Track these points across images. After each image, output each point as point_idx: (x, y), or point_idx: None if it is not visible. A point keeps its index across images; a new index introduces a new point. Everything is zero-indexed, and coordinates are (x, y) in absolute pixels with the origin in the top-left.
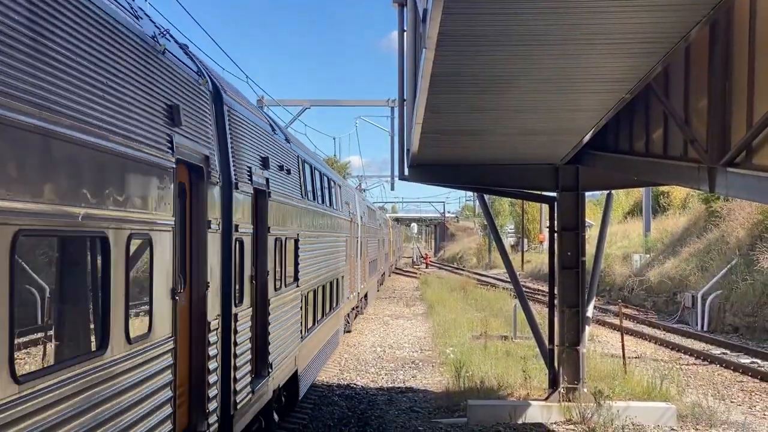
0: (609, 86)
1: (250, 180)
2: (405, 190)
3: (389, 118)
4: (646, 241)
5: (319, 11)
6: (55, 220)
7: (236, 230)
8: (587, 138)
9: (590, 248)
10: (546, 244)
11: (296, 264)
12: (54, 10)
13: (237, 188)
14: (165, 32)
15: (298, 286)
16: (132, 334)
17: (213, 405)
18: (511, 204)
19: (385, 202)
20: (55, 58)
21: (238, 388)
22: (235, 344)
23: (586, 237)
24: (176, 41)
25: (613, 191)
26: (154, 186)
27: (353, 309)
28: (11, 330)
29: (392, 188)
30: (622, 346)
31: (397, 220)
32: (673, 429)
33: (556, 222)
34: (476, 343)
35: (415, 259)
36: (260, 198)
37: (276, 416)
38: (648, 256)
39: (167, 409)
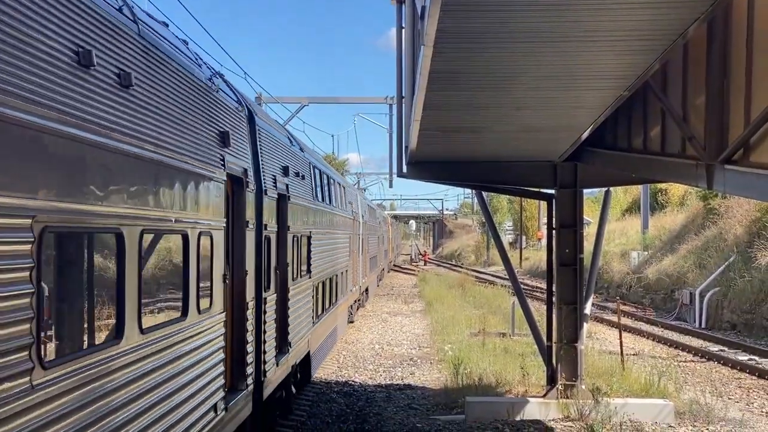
0: (607, 83)
1: (275, 186)
2: (403, 187)
3: (387, 116)
4: (644, 238)
5: (318, 8)
6: (159, 223)
7: (265, 229)
8: (585, 135)
9: (588, 245)
10: (544, 241)
11: (309, 258)
12: (156, 74)
13: (266, 194)
14: (216, 73)
15: (310, 277)
16: (201, 308)
17: (249, 370)
18: (510, 201)
19: (384, 200)
20: (165, 111)
21: (266, 359)
22: (265, 323)
23: (585, 234)
24: (217, 73)
25: (611, 188)
26: (213, 195)
27: (356, 301)
28: (139, 295)
29: (390, 185)
30: (620, 343)
31: (395, 217)
32: (670, 426)
33: (554, 219)
34: (474, 340)
35: (413, 257)
36: (282, 201)
37: (293, 389)
38: (646, 253)
39: (221, 367)
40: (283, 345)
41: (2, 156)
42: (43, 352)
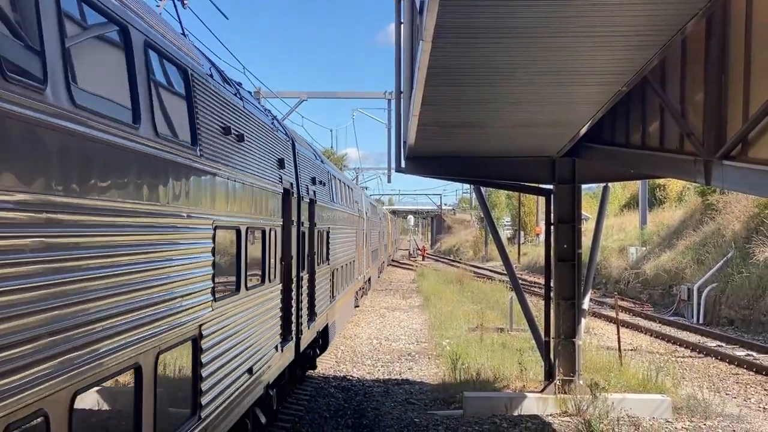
0: (605, 79)
1: (307, 193)
2: (402, 182)
3: (386, 111)
4: (643, 233)
5: (317, 3)
6: (254, 223)
7: (302, 225)
8: (584, 130)
9: (587, 241)
10: (542, 236)
11: (328, 248)
12: (251, 129)
13: (302, 200)
14: (273, 117)
15: (329, 264)
16: (270, 278)
17: (293, 327)
18: (508, 196)
19: (382, 195)
20: (255, 151)
21: (302, 322)
22: (301, 295)
23: (583, 230)
24: (274, 117)
25: (609, 184)
26: (276, 203)
27: (360, 288)
28: (246, 267)
29: (389, 181)
30: (618, 338)
31: (393, 212)
32: (668, 421)
33: (552, 214)
34: (472, 336)
35: (411, 252)
36: (311, 204)
37: (318, 351)
38: (644, 248)
39: (279, 321)
40: (311, 314)
41: (205, 190)
42: (214, 292)
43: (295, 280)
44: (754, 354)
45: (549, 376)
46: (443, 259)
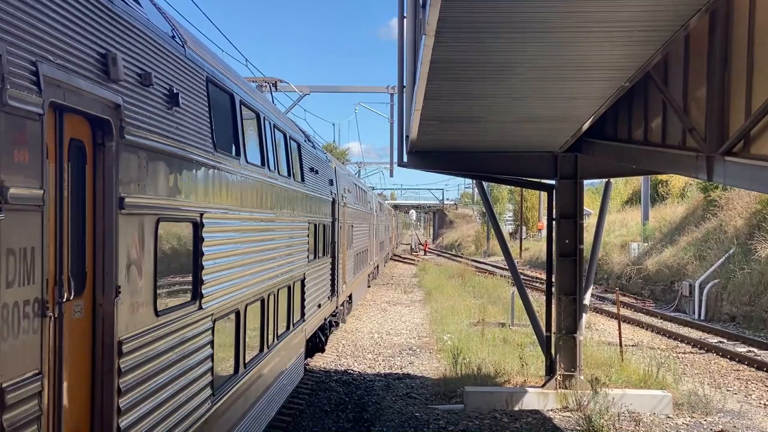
0: (608, 74)
1: (342, 199)
2: (404, 177)
3: (389, 105)
4: (645, 229)
5: None
6: (320, 220)
7: (338, 222)
8: (586, 126)
9: (588, 236)
10: (544, 232)
11: (352, 238)
12: (317, 164)
13: (340, 204)
14: (323, 149)
15: (352, 249)
16: (327, 254)
17: (334, 288)
18: (510, 191)
19: (384, 189)
20: (321, 178)
21: (339, 286)
22: (339, 268)
23: (585, 225)
24: (324, 149)
25: (611, 180)
26: (328, 208)
27: (370, 273)
28: (316, 247)
29: (391, 175)
30: (619, 334)
31: (396, 207)
32: (668, 417)
33: (554, 210)
34: (474, 330)
35: (413, 246)
36: (344, 207)
37: (346, 310)
38: (646, 244)
39: (329, 283)
40: (342, 284)
41: (304, 203)
42: (308, 258)
43: (339, 257)
44: (756, 350)
45: (550, 371)
46: (445, 254)
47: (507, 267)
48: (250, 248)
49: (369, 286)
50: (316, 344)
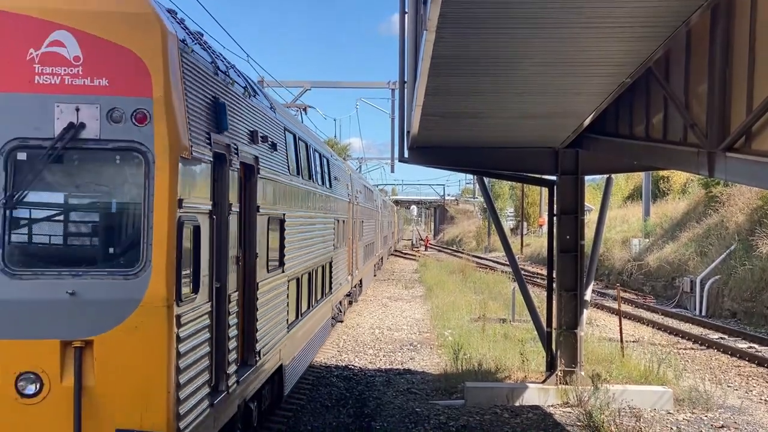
0: (609, 70)
1: (355, 200)
2: (405, 172)
3: (390, 100)
4: (646, 225)
5: None
6: (337, 216)
7: (352, 218)
8: (587, 122)
9: (589, 232)
10: (545, 227)
11: (362, 231)
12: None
13: (354, 204)
14: (344, 160)
15: (361, 241)
16: (345, 244)
17: (348, 273)
18: (511, 187)
19: (385, 185)
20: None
21: (354, 271)
22: (352, 257)
23: (586, 221)
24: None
25: (612, 175)
26: (346, 206)
27: (376, 264)
28: (354, 234)
29: (392, 170)
30: (620, 329)
31: (397, 202)
32: (669, 413)
33: (555, 206)
34: (474, 326)
35: (414, 242)
36: (356, 206)
37: (359, 290)
38: (647, 240)
39: (346, 266)
40: (356, 268)
41: (332, 204)
42: (333, 245)
43: (351, 247)
44: (756, 346)
45: (550, 366)
46: (446, 250)
47: (508, 263)
48: (305, 236)
49: (375, 276)
50: (337, 315)
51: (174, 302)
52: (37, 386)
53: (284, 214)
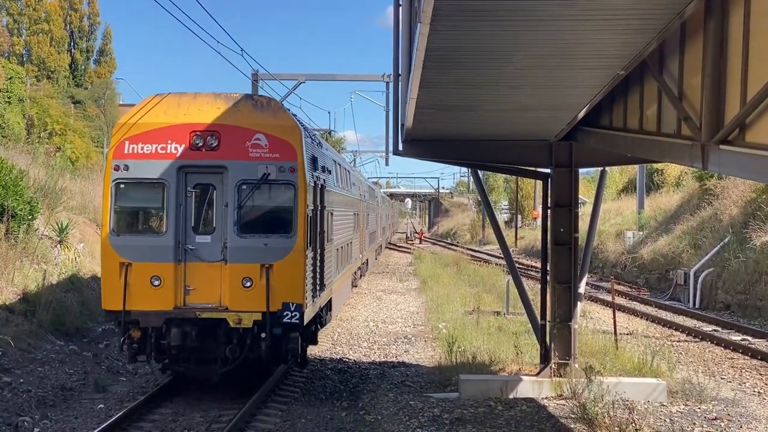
0: (604, 62)
1: (363, 197)
2: (400, 165)
3: (384, 93)
4: (640, 218)
5: None
6: (354, 210)
7: (361, 211)
8: (582, 114)
9: (583, 225)
10: (540, 220)
11: (367, 222)
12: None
13: (362, 201)
14: (359, 171)
15: (367, 229)
16: (356, 230)
17: (361, 251)
18: (506, 180)
19: (380, 178)
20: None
21: (362, 252)
22: (362, 241)
23: (580, 214)
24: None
25: (606, 168)
26: (357, 202)
27: (376, 249)
28: (363, 227)
29: (387, 163)
30: (614, 322)
31: (391, 195)
32: (663, 405)
33: (549, 198)
34: (469, 319)
35: (408, 235)
36: (367, 204)
37: (365, 268)
38: (641, 233)
39: (359, 249)
40: (366, 249)
41: (358, 206)
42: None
43: (362, 233)
44: (750, 338)
45: (545, 359)
46: (440, 243)
47: (502, 255)
48: (340, 223)
49: (376, 259)
50: (354, 281)
51: (304, 249)
52: (251, 283)
53: (332, 211)
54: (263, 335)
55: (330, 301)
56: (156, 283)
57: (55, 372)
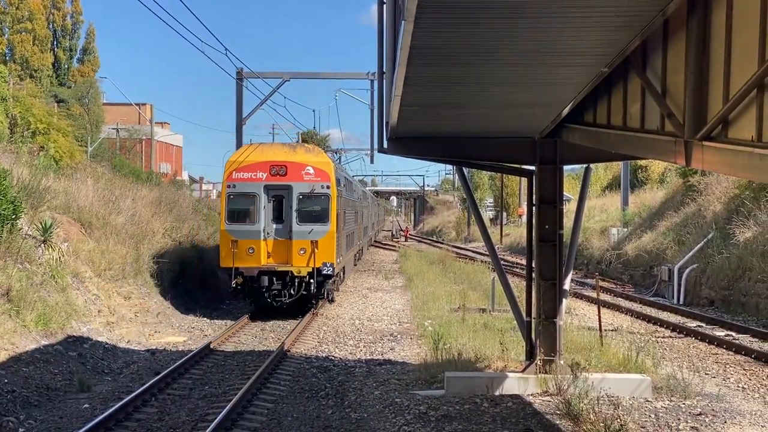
0: (587, 60)
1: (358, 198)
2: (385, 163)
3: (369, 91)
4: (624, 215)
5: None
6: (356, 208)
7: (358, 209)
8: (566, 111)
9: (568, 222)
10: (525, 217)
11: (362, 217)
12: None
13: (358, 201)
14: (361, 181)
15: (362, 224)
16: (357, 223)
17: (360, 240)
18: (491, 177)
19: (365, 176)
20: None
21: (360, 240)
22: (361, 230)
23: (565, 210)
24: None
25: (591, 165)
26: (356, 202)
27: (368, 241)
28: (365, 222)
29: (372, 161)
30: (599, 318)
31: (377, 193)
32: (648, 400)
33: (534, 195)
34: (454, 316)
35: (394, 233)
36: (367, 206)
37: (362, 253)
38: (626, 229)
39: (360, 237)
40: (363, 238)
41: (358, 206)
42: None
43: (359, 226)
44: (734, 334)
45: (530, 356)
46: (426, 240)
47: (487, 253)
48: (348, 217)
49: (368, 249)
50: (356, 261)
51: (336, 233)
52: (304, 251)
53: (346, 210)
54: (312, 281)
55: (344, 268)
56: (251, 251)
57: (40, 372)
